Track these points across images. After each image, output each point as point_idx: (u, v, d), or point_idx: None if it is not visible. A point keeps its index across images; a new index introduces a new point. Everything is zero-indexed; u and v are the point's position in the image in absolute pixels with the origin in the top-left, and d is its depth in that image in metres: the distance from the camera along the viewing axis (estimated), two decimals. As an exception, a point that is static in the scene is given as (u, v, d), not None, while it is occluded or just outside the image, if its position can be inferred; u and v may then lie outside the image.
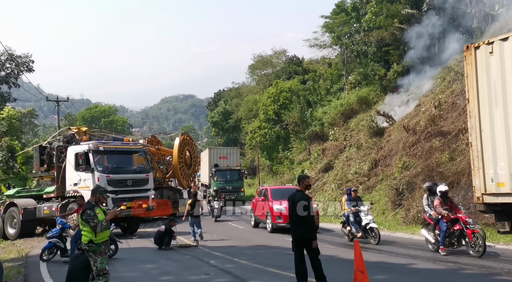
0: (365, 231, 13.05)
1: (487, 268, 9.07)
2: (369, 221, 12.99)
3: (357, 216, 13.34)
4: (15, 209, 17.85)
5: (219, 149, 37.98)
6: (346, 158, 27.22)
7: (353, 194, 13.75)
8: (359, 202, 13.69)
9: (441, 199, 10.88)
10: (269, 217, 16.55)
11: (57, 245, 11.69)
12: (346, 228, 13.67)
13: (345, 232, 13.81)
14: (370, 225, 12.92)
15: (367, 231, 13.02)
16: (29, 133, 58.15)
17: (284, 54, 55.57)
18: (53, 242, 11.62)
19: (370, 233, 12.96)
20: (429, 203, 11.49)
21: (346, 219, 13.64)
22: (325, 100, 38.08)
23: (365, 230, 13.02)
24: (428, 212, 11.54)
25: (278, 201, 16.20)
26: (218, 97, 71.33)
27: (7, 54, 30.98)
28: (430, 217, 11.39)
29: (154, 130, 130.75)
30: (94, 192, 7.24)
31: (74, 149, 16.83)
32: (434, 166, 17.88)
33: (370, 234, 12.97)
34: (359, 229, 13.16)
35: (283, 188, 18.39)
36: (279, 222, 15.96)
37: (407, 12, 27.98)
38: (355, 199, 13.64)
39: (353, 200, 13.60)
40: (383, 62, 32.23)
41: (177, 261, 11.44)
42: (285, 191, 16.18)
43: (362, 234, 13.03)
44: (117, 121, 78.21)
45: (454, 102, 21.85)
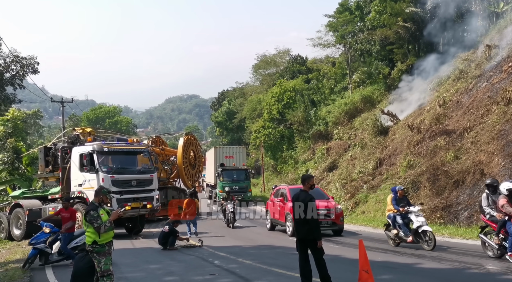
0: (417, 235, 11.64)
1: (493, 267, 9.00)
2: (422, 223, 11.56)
3: (404, 217, 12.03)
4: (21, 210, 17.92)
5: (225, 148, 36.75)
6: (351, 157, 27.16)
7: (399, 193, 12.32)
8: (407, 202, 12.36)
9: (507, 198, 9.70)
10: (290, 220, 15.05)
11: (44, 251, 11.03)
12: (391, 231, 12.34)
13: (390, 236, 12.48)
14: (424, 228, 11.49)
15: (419, 235, 11.60)
16: (34, 134, 58.40)
17: (288, 53, 55.59)
18: (40, 248, 10.97)
19: (423, 237, 11.51)
20: (490, 203, 10.20)
21: (392, 221, 12.28)
22: (329, 99, 38.03)
23: (417, 233, 11.62)
24: (489, 213, 10.11)
25: None
26: (222, 97, 71.40)
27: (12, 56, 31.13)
28: (492, 219, 10.05)
29: (158, 130, 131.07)
30: (98, 193, 7.24)
31: (78, 150, 16.86)
32: (439, 165, 17.80)
33: (423, 239, 11.51)
34: (408, 232, 11.84)
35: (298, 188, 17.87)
36: None
37: (411, 10, 27.86)
38: (402, 199, 12.28)
39: (400, 199, 12.26)
40: (387, 60, 32.14)
41: (182, 261, 11.44)
42: None
43: (413, 238, 11.66)
44: (121, 122, 78.41)
45: (458, 101, 21.74)
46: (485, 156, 16.11)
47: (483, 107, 18.78)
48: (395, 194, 12.36)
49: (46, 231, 11.19)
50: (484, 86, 20.47)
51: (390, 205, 12.41)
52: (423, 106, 25.12)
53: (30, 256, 10.99)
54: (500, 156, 15.39)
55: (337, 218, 15.07)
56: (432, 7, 27.54)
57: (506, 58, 20.56)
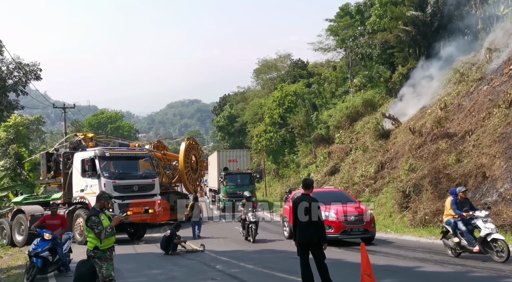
0: (485, 244, 9.94)
1: (496, 271, 8.97)
2: (492, 231, 9.84)
3: (468, 224, 10.40)
4: (23, 216, 17.92)
5: (228, 152, 35.62)
6: (352, 160, 27.14)
7: (460, 195, 10.62)
8: (470, 205, 10.65)
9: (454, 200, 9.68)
10: None
11: (47, 259, 10.16)
12: (451, 239, 10.71)
13: (449, 244, 10.87)
14: (494, 236, 9.79)
15: (488, 244, 9.88)
16: (36, 140, 58.53)
17: (289, 57, 55.74)
18: (45, 256, 10.07)
19: (493, 247, 9.82)
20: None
21: (453, 227, 10.58)
22: (330, 103, 38.07)
23: (485, 242, 9.92)
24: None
25: (326, 207, 13.27)
26: (223, 101, 71.53)
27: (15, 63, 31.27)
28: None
29: (160, 135, 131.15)
30: (99, 198, 7.24)
31: (80, 155, 16.90)
32: (440, 168, 17.76)
33: (493, 249, 9.82)
34: (474, 241, 10.17)
35: (325, 191, 15.86)
36: (329, 232, 12.49)
37: (412, 14, 27.92)
38: (464, 202, 10.62)
39: (462, 203, 10.59)
40: (388, 64, 32.19)
41: (184, 266, 11.42)
42: (329, 195, 14.60)
43: (480, 247, 9.98)
44: (123, 127, 78.57)
45: (460, 104, 21.73)
46: (487, 159, 16.07)
47: (485, 110, 18.77)
48: (455, 197, 10.72)
49: (48, 238, 10.28)
50: (485, 89, 20.46)
51: (449, 209, 10.72)
52: (424, 109, 25.12)
53: (33, 267, 9.94)
54: (502, 159, 15.36)
55: (369, 225, 13.51)
56: (433, 11, 27.59)
57: (507, 61, 20.57)
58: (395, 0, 29.24)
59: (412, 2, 28.54)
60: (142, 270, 11.07)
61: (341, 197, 14.65)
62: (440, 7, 27.33)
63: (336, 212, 13.36)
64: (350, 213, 13.35)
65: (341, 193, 15.93)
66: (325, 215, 12.85)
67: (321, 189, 17.93)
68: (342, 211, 13.41)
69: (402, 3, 28.92)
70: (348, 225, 13.22)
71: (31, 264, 9.99)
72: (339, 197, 14.66)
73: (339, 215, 13.28)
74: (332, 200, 13.96)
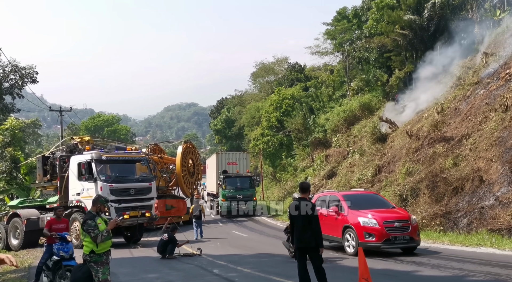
0: None
1: (494, 275, 8.97)
2: None
3: None
4: (18, 220, 17.83)
5: (227, 154, 34.21)
6: (350, 164, 27.15)
7: None
8: None
9: None
10: (352, 235, 12.08)
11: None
12: None
13: None
14: None
15: None
16: (32, 143, 58.35)
17: (286, 61, 55.84)
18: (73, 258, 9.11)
19: None
20: None
21: None
22: (328, 107, 38.09)
23: None
24: None
25: (362, 212, 12.08)
26: (220, 105, 71.52)
27: (11, 66, 31.20)
28: None
29: (157, 139, 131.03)
30: (95, 202, 7.21)
31: (77, 158, 16.84)
32: (437, 171, 17.78)
33: None
34: None
35: (357, 194, 14.01)
36: (369, 241, 11.58)
37: (409, 18, 28.02)
38: None
39: None
40: (385, 68, 32.27)
41: (180, 270, 11.37)
42: (362, 198, 13.27)
43: None
44: (120, 130, 78.35)
45: (456, 108, 21.79)
46: (483, 162, 16.10)
47: (481, 114, 18.82)
48: None
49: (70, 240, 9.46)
50: (481, 93, 20.53)
51: None
52: (421, 113, 25.18)
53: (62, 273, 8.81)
54: (498, 163, 15.39)
55: (414, 232, 12.02)
56: (429, 15, 27.70)
57: (503, 65, 20.65)
58: (392, 4, 29.34)
59: (409, 7, 28.65)
60: (138, 274, 11.01)
61: (375, 201, 13.20)
62: (436, 11, 27.44)
63: (377, 217, 11.80)
64: (393, 219, 11.88)
65: (374, 196, 14.19)
66: (363, 221, 11.76)
67: (352, 192, 15.32)
68: (383, 216, 11.89)
69: (399, 7, 29.02)
70: (391, 233, 11.62)
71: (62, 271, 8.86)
72: (373, 200, 13.22)
73: (380, 221, 11.69)
74: (366, 204, 12.60)
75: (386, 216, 11.99)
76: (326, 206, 13.19)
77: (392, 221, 11.78)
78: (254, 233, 19.33)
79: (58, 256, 9.04)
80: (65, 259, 8.94)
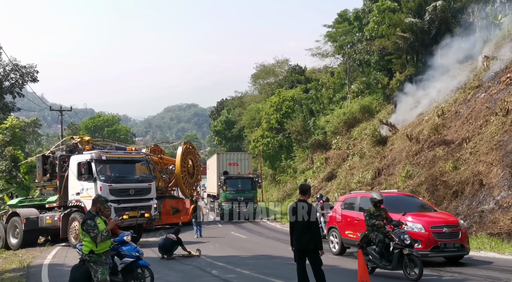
0: None
1: (493, 279, 8.95)
2: None
3: None
4: (18, 219, 17.81)
5: (228, 155, 33.32)
6: (349, 166, 27.15)
7: None
8: None
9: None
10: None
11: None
12: None
13: None
14: None
15: None
16: (32, 143, 58.29)
17: (287, 63, 55.80)
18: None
19: None
20: None
21: None
22: (328, 109, 38.11)
23: None
24: None
25: (399, 216, 10.16)
26: (221, 106, 71.50)
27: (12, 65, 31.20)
28: None
29: (157, 139, 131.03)
30: (95, 202, 7.19)
31: (76, 158, 16.81)
32: (437, 175, 17.79)
33: None
34: None
35: (394, 196, 12.29)
36: (416, 248, 9.78)
37: (410, 21, 28.06)
38: None
39: None
40: (385, 71, 32.30)
41: (179, 271, 11.35)
42: (401, 201, 11.90)
43: None
44: (120, 130, 78.30)
45: (457, 111, 21.80)
46: (484, 166, 16.10)
47: (482, 118, 18.83)
48: None
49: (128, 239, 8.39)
50: (482, 97, 20.53)
51: None
52: (421, 116, 25.19)
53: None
54: (499, 167, 15.39)
55: (464, 239, 10.63)
56: (431, 18, 27.73)
57: (504, 69, 20.67)
58: (393, 7, 29.38)
59: (410, 9, 28.69)
60: (137, 274, 10.97)
61: (415, 203, 12.06)
62: (438, 15, 27.47)
63: (422, 222, 10.53)
64: (441, 224, 10.57)
65: (413, 198, 12.80)
66: (408, 227, 10.16)
67: (386, 193, 12.50)
68: (428, 221, 10.64)
69: (400, 10, 29.06)
70: (440, 240, 10.27)
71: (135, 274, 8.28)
72: (412, 203, 12.05)
73: (427, 226, 10.41)
74: (405, 207, 11.15)
75: (432, 220, 10.73)
76: (356, 209, 12.09)
77: (441, 227, 10.47)
78: (253, 235, 19.31)
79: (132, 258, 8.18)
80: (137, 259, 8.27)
